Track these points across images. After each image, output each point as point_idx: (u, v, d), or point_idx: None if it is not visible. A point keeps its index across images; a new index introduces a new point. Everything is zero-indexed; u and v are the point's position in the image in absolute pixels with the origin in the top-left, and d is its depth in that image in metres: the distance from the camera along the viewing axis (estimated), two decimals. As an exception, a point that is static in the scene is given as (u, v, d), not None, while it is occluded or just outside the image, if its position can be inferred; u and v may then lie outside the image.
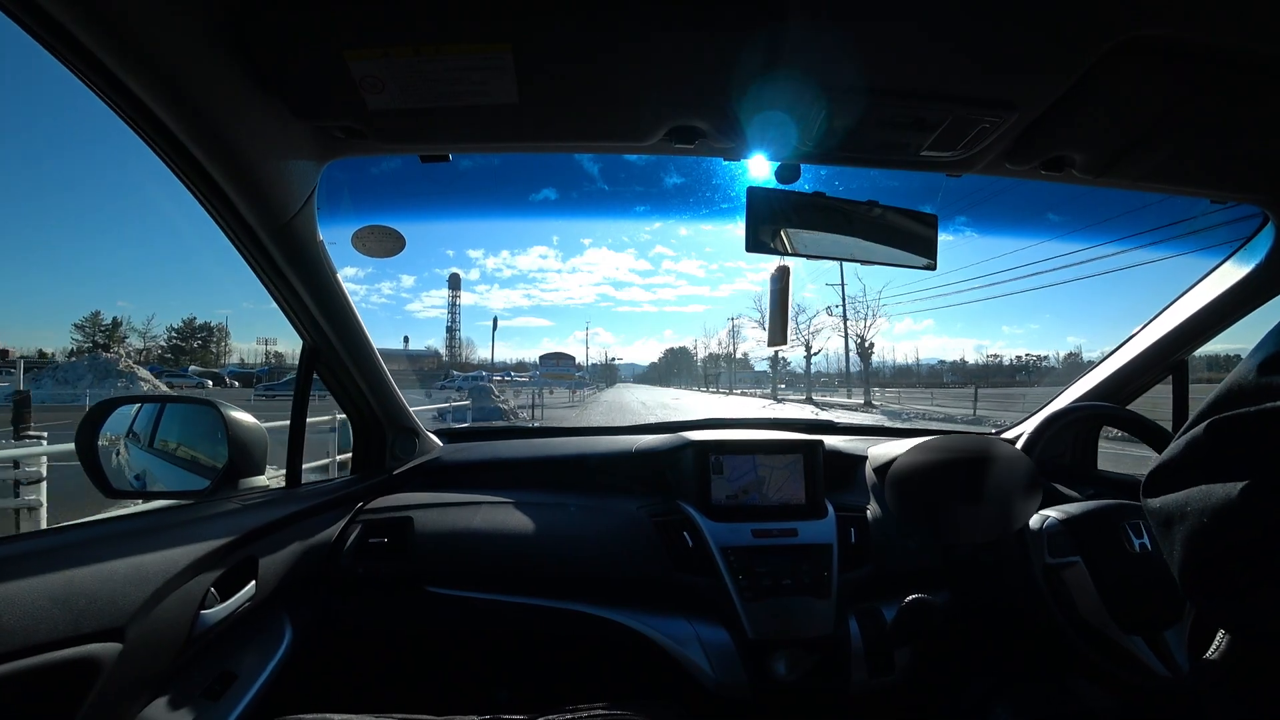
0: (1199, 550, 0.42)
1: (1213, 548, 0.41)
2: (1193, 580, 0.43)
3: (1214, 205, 1.08)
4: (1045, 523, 1.00)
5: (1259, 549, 0.38)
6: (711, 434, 1.36)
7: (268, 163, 0.82)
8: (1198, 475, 0.43)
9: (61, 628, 0.62)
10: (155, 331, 64.64)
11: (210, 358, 64.32)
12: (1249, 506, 0.38)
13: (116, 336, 59.88)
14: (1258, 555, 0.38)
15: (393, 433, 1.38)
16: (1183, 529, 0.43)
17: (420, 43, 0.66)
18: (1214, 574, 0.42)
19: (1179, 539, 0.43)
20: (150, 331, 64.01)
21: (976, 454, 1.07)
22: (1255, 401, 0.40)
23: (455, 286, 79.35)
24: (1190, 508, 0.42)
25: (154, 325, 66.43)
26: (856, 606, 1.15)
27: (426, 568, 1.17)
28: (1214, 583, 0.42)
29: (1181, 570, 0.43)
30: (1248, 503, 0.38)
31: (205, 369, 50.97)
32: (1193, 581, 0.43)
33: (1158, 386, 1.41)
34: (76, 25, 0.57)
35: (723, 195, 1.29)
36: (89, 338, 58.09)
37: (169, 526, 0.83)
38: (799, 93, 0.75)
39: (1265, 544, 0.38)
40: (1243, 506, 0.38)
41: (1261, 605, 0.40)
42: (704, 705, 1.08)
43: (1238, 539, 0.39)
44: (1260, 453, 0.39)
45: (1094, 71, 0.70)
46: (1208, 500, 0.41)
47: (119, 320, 62.16)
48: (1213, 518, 0.40)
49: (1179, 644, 0.91)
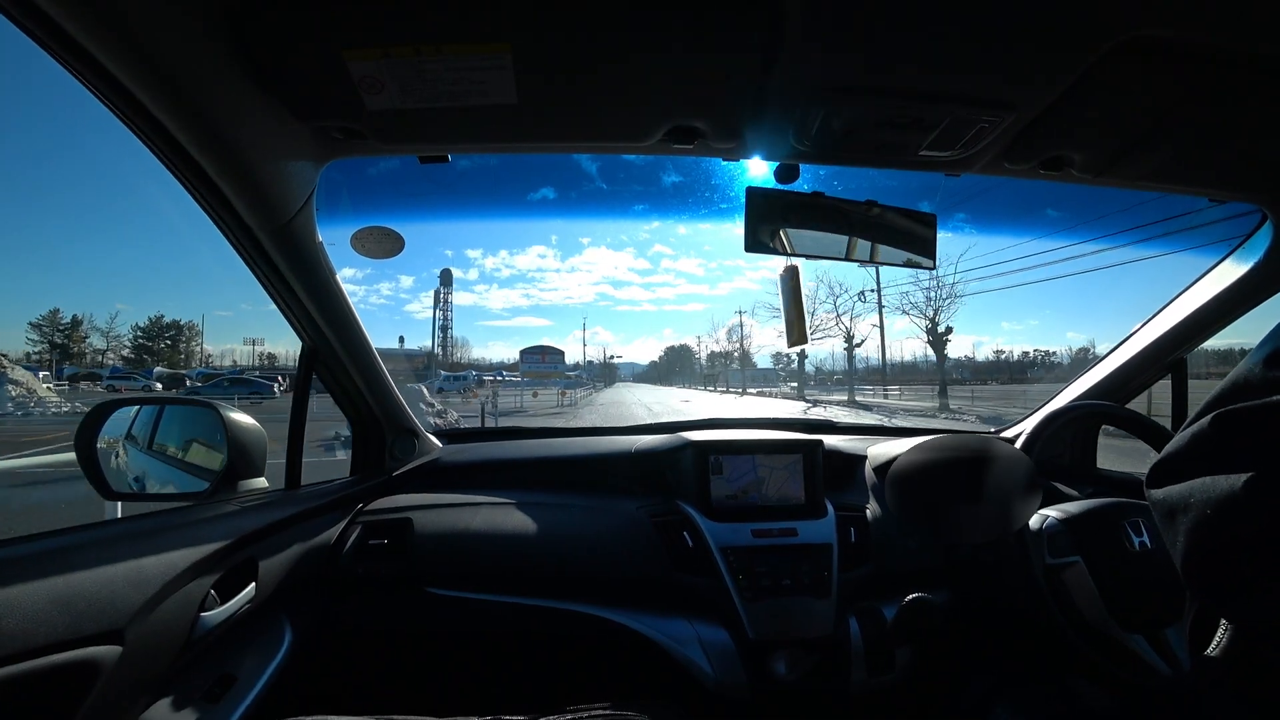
0: (1202, 542, 0.42)
1: (1216, 540, 0.41)
2: (1195, 572, 0.43)
3: (1212, 204, 1.08)
4: (1045, 523, 1.00)
5: (1263, 542, 0.38)
6: (711, 434, 1.36)
7: (267, 164, 0.82)
8: (1202, 467, 0.43)
9: (61, 630, 0.62)
10: (119, 330, 60.47)
11: (178, 358, 60.17)
12: (1253, 499, 0.38)
13: (76, 336, 56.62)
14: (1261, 549, 0.38)
15: (392, 434, 1.38)
16: (1186, 520, 0.42)
17: (420, 43, 0.66)
18: (1217, 567, 0.42)
19: (1182, 530, 0.43)
20: (113, 330, 59.92)
21: (976, 453, 1.07)
22: (1261, 395, 0.40)
23: (447, 283, 77.53)
24: (1194, 500, 0.42)
25: (117, 324, 62.51)
26: (856, 606, 1.15)
27: (426, 569, 1.17)
28: (1217, 575, 0.42)
29: (1184, 562, 0.43)
30: (1252, 496, 0.38)
31: (173, 370, 47.41)
32: (1195, 574, 0.43)
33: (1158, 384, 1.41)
34: (74, 25, 0.57)
35: (721, 194, 1.29)
36: (46, 338, 54.77)
37: (168, 529, 0.83)
38: (797, 93, 0.76)
39: (1269, 537, 0.38)
40: (1247, 499, 0.38)
41: (1264, 600, 0.40)
42: (704, 705, 1.08)
43: (1241, 532, 0.39)
44: (1266, 446, 0.39)
45: (1092, 71, 0.70)
46: (1212, 492, 0.41)
47: (79, 318, 58.21)
48: (1216, 510, 0.40)
49: (1180, 641, 0.91)
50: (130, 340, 60.90)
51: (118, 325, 61.67)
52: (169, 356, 59.94)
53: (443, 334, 76.24)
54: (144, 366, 51.78)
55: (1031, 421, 1.34)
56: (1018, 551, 1.03)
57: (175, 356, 60.54)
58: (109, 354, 57.54)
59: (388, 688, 1.22)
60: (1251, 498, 0.38)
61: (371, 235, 1.09)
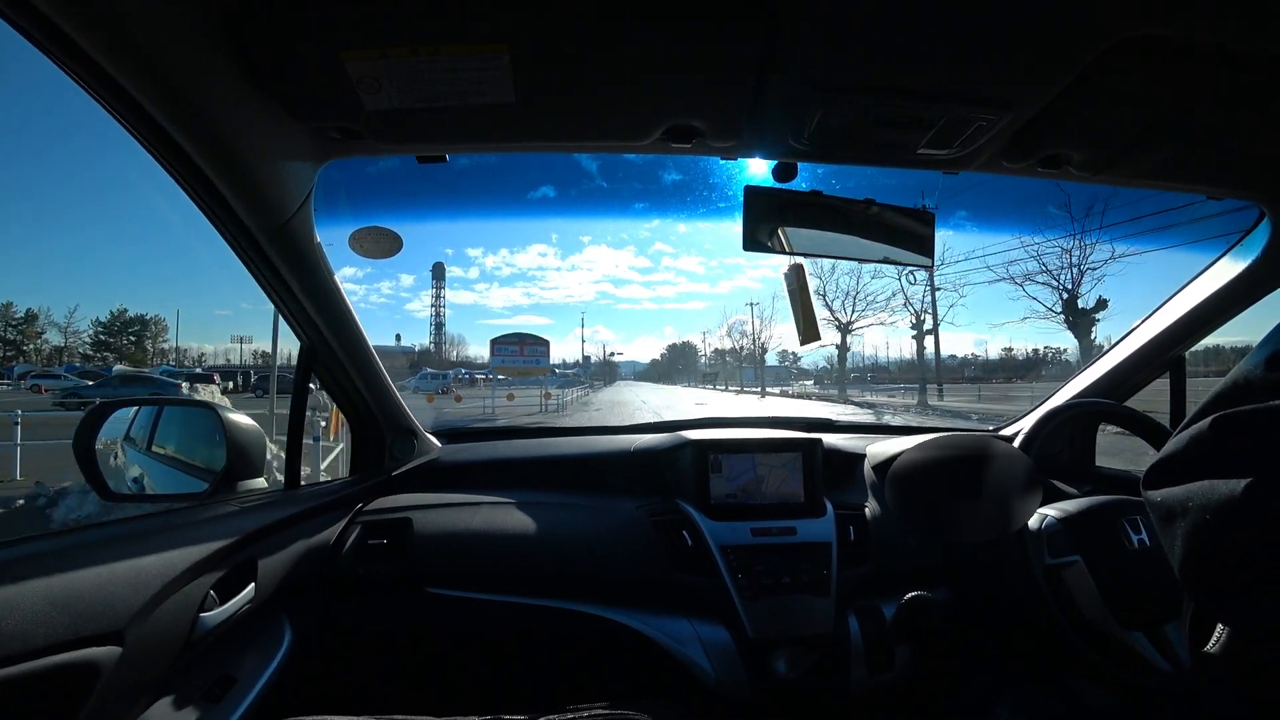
0: (1201, 546, 0.41)
1: (1215, 544, 0.40)
2: (1193, 576, 0.43)
3: (1210, 201, 1.08)
4: (1044, 523, 1.01)
5: (1262, 546, 0.38)
6: (710, 433, 1.36)
7: (264, 164, 0.82)
8: (1201, 470, 0.42)
9: (61, 631, 0.62)
10: (79, 326, 56.31)
11: (143, 356, 56.10)
12: (1252, 504, 0.38)
13: (30, 332, 53.07)
14: (1260, 553, 0.38)
15: (391, 433, 1.38)
16: (1185, 524, 0.42)
17: (417, 43, 0.66)
18: (1216, 570, 0.41)
19: (1180, 534, 0.43)
20: (72, 326, 55.72)
21: (975, 452, 1.07)
22: (1262, 398, 0.40)
23: (439, 277, 73.91)
24: (1192, 503, 0.42)
25: (76, 319, 57.69)
26: (856, 604, 1.15)
27: (426, 569, 1.17)
28: (1215, 579, 0.42)
29: (1182, 566, 0.43)
30: (1251, 500, 0.38)
31: (135, 369, 42.78)
32: (1193, 577, 0.43)
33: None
34: (70, 24, 0.56)
35: (721, 193, 1.29)
36: (-5, 333, 50.43)
37: (168, 529, 0.83)
38: (795, 92, 0.75)
39: (1268, 541, 0.38)
40: (1245, 504, 0.38)
41: (1263, 604, 0.40)
42: (704, 704, 1.08)
43: (1240, 536, 0.39)
44: (1266, 450, 0.39)
45: (1091, 70, 0.70)
46: (1210, 496, 0.40)
47: (35, 313, 54.30)
48: (1215, 514, 0.40)
49: (1179, 638, 0.91)
50: (91, 336, 57.07)
51: (77, 321, 57.71)
52: (132, 354, 56.41)
53: (437, 330, 73.06)
54: (105, 364, 48.43)
55: (1030, 420, 1.34)
56: (1017, 551, 1.03)
57: (140, 354, 56.91)
58: (68, 351, 54.38)
59: (388, 688, 1.22)
60: (1251, 503, 0.38)
61: (370, 235, 1.09)
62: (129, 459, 1.38)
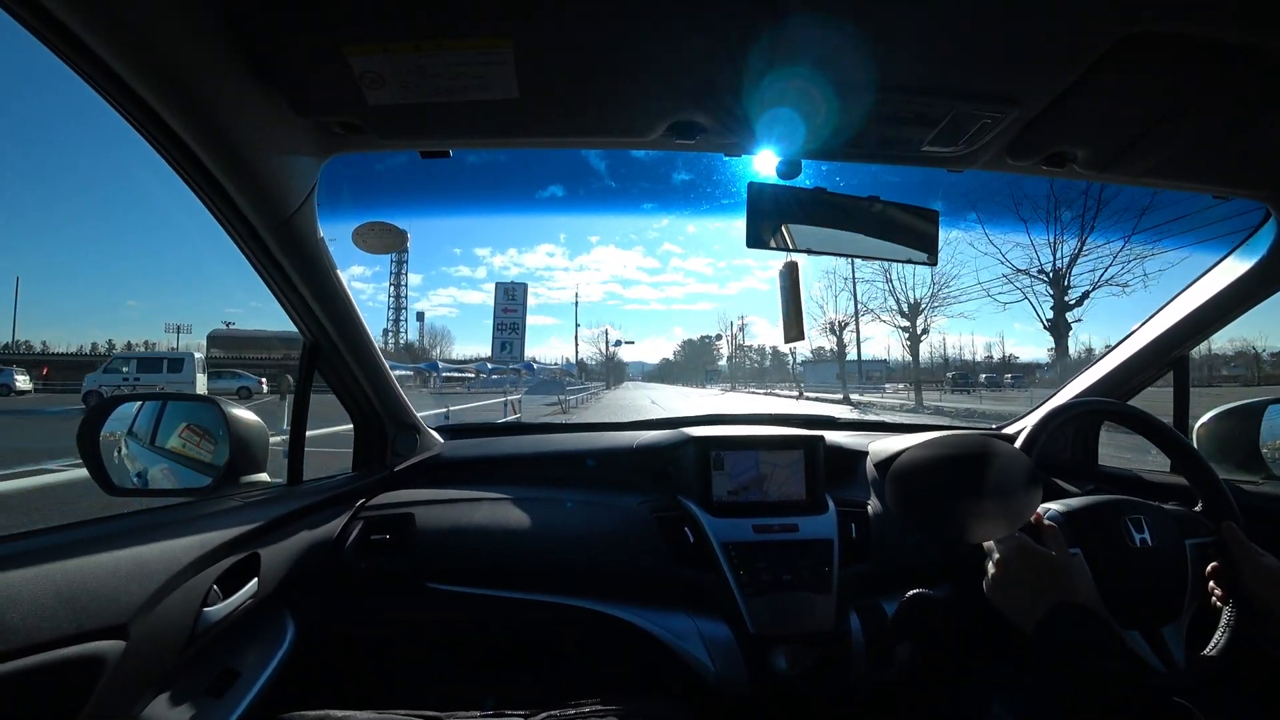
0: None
1: None
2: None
3: (1215, 200, 1.08)
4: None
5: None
6: (712, 430, 1.36)
7: (267, 159, 0.82)
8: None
9: (65, 625, 0.62)
10: None
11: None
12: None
13: None
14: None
15: (394, 429, 1.38)
16: None
17: (420, 38, 0.66)
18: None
19: None
20: None
21: (977, 451, 1.07)
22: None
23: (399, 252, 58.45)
24: None
25: None
26: (857, 602, 1.15)
27: (428, 564, 1.17)
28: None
29: None
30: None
31: None
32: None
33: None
34: (73, 18, 0.56)
35: (728, 192, 1.28)
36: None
37: (171, 524, 0.83)
38: (800, 88, 0.75)
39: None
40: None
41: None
42: (705, 700, 1.08)
43: None
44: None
45: (1097, 67, 0.69)
46: None
47: None
48: None
49: (1176, 640, 0.91)
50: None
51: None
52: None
53: (396, 315, 61.67)
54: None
55: (1032, 419, 1.34)
56: None
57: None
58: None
59: (390, 682, 1.23)
60: None
61: (373, 230, 1.10)
62: (132, 453, 1.38)
